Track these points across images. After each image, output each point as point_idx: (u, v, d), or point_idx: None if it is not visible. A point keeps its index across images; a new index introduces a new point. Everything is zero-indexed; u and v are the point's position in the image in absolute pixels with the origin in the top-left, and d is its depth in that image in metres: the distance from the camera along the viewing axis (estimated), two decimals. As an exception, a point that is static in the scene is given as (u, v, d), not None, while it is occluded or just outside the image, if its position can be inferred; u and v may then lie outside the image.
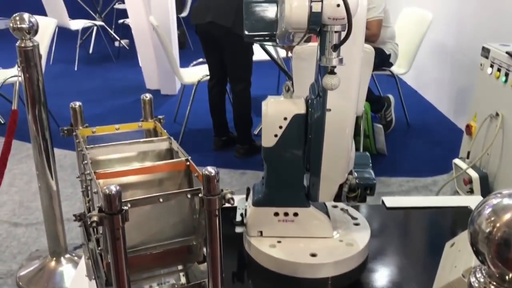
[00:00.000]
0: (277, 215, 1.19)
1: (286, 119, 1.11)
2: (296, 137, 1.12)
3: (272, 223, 1.19)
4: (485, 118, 2.32)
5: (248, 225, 1.20)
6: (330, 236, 1.20)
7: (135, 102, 4.24)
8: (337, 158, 1.12)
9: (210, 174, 0.63)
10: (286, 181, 1.17)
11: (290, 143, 1.13)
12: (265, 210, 1.19)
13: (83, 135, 0.90)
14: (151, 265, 0.73)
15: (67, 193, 2.69)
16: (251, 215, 1.20)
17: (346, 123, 1.09)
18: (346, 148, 1.11)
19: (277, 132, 1.12)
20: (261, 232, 1.19)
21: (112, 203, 0.57)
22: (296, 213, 1.19)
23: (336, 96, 1.05)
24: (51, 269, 1.99)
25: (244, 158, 3.12)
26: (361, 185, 1.16)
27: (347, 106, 1.07)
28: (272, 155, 1.14)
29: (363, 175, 1.18)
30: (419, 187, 2.72)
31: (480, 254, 0.39)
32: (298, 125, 1.11)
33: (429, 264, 1.19)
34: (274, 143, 1.13)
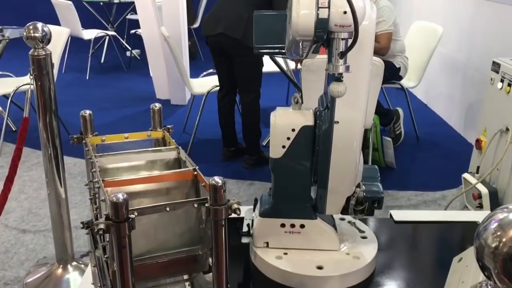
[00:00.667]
0: (284, 226, 1.18)
1: (294, 130, 1.11)
2: (304, 148, 1.12)
3: (278, 234, 1.18)
4: (495, 133, 2.31)
5: (254, 235, 1.19)
6: (336, 249, 1.19)
7: (145, 112, 4.26)
8: (345, 170, 1.12)
9: (217, 184, 0.64)
10: (293, 193, 1.17)
11: (298, 154, 1.13)
12: (271, 221, 1.18)
13: (92, 143, 0.91)
14: (157, 274, 0.73)
15: (76, 201, 2.71)
16: (257, 226, 1.19)
17: (354, 136, 1.09)
18: (353, 161, 1.11)
19: (285, 144, 1.12)
20: (267, 243, 1.19)
21: (119, 211, 0.57)
22: (303, 225, 1.18)
23: (344, 108, 1.05)
24: (57, 276, 2.00)
25: (252, 169, 3.12)
26: (368, 198, 1.16)
27: (355, 118, 1.07)
28: (280, 166, 1.15)
29: (371, 188, 1.17)
30: (427, 201, 2.70)
31: (486, 269, 0.39)
32: (306, 136, 1.11)
33: (437, 279, 1.18)
34: (282, 154, 1.13)
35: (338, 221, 1.29)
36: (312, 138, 1.12)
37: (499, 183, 2.31)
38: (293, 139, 1.12)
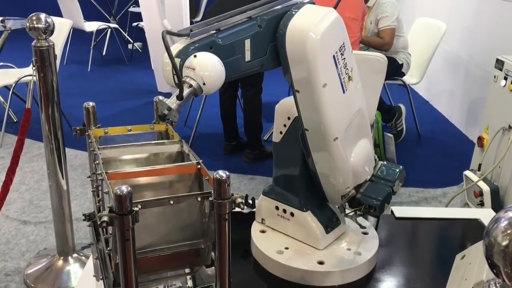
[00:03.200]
0: (277, 209, 1.21)
1: (290, 118, 1.13)
2: (296, 138, 1.13)
3: (272, 215, 1.22)
4: (498, 131, 2.30)
5: (257, 210, 1.23)
6: (319, 248, 1.17)
7: (146, 105, 4.26)
8: (330, 171, 1.09)
9: (221, 178, 0.63)
10: (287, 179, 1.19)
11: (291, 143, 1.15)
12: (269, 201, 1.23)
13: (95, 135, 0.91)
14: (159, 267, 0.73)
15: (77, 193, 2.71)
16: (259, 201, 1.23)
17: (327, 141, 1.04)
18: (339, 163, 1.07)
19: (282, 130, 1.16)
20: (263, 219, 1.23)
21: (123, 203, 0.57)
22: (292, 213, 1.19)
23: (310, 119, 1.03)
24: (58, 268, 2.00)
25: (254, 164, 3.12)
26: (363, 202, 1.14)
27: (324, 128, 1.02)
28: (278, 150, 1.19)
29: (371, 192, 1.14)
30: (428, 198, 2.70)
31: (495, 267, 0.39)
32: (298, 128, 1.11)
33: (437, 276, 1.18)
34: (279, 139, 1.17)
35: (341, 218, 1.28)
36: None
37: (500, 181, 2.30)
38: (288, 127, 1.14)
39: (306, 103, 1.01)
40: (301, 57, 0.95)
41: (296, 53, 0.95)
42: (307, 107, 1.01)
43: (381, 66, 2.20)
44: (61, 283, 1.94)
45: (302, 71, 0.96)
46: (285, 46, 0.95)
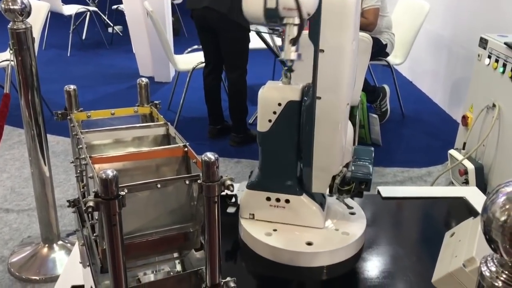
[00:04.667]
0: (269, 200, 1.19)
1: (280, 105, 1.10)
2: (289, 123, 1.11)
3: (264, 207, 1.19)
4: (482, 109, 2.32)
5: (241, 207, 1.20)
6: (321, 226, 1.18)
7: (128, 89, 4.20)
8: (329, 149, 1.09)
9: (210, 160, 0.62)
10: (279, 167, 1.17)
11: (284, 129, 1.12)
12: (257, 194, 1.19)
13: (77, 119, 0.88)
14: (148, 252, 0.72)
15: (60, 180, 2.67)
16: (244, 197, 1.20)
17: (337, 113, 1.06)
18: (338, 139, 1.08)
19: (271, 117, 1.12)
20: (253, 215, 1.19)
21: (109, 188, 0.55)
22: (288, 200, 1.18)
23: (327, 85, 1.03)
24: (43, 256, 1.98)
25: (239, 147, 3.11)
26: (355, 179, 1.14)
27: (338, 94, 1.04)
28: (266, 140, 1.14)
29: (360, 169, 1.16)
30: (413, 178, 2.72)
31: (493, 243, 0.38)
32: (292, 111, 1.10)
33: (425, 254, 1.19)
34: (268, 128, 1.13)
35: (327, 197, 1.28)
36: (298, 114, 1.10)
37: (485, 159, 2.33)
38: (279, 114, 1.11)
39: (329, 64, 1.00)
40: (339, 8, 0.95)
41: (334, 3, 0.95)
42: (329, 68, 1.01)
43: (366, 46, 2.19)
44: (46, 270, 1.92)
45: (336, 25, 0.94)
46: None
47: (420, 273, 1.11)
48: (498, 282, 0.39)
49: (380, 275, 1.10)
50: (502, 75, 2.21)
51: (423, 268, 1.12)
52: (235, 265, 1.16)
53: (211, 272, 0.66)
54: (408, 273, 1.11)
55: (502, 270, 0.39)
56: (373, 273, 1.11)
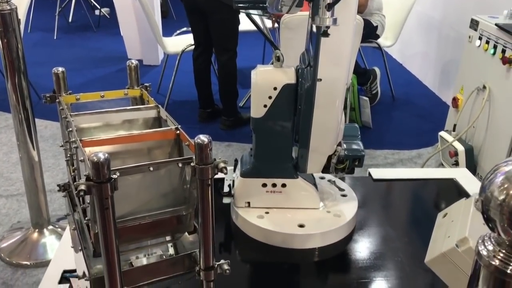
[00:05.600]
0: (265, 186, 1.18)
1: (276, 89, 1.09)
2: (285, 107, 1.11)
3: (259, 194, 1.18)
4: (472, 91, 2.33)
5: (236, 196, 1.19)
6: (317, 207, 1.20)
7: (117, 72, 4.15)
8: (327, 129, 1.11)
9: (203, 142, 0.61)
10: (275, 152, 1.16)
11: (280, 113, 1.11)
12: (253, 181, 1.18)
13: (66, 102, 0.87)
14: (140, 236, 0.71)
15: (49, 164, 2.64)
16: (238, 186, 1.19)
17: (336, 94, 1.07)
18: (336, 120, 1.10)
19: (267, 102, 1.10)
20: (248, 203, 1.19)
21: (101, 171, 0.54)
22: (284, 184, 1.18)
23: (327, 66, 1.02)
24: (33, 241, 1.96)
25: (230, 131, 3.09)
26: (349, 156, 1.16)
27: (338, 75, 1.05)
28: (261, 125, 1.13)
29: (352, 146, 1.17)
30: (404, 160, 2.74)
31: (491, 222, 0.38)
32: (288, 95, 1.09)
33: (415, 235, 1.20)
34: (263, 114, 1.11)
35: (318, 180, 1.29)
36: (294, 97, 1.10)
37: (475, 141, 2.35)
38: (274, 98, 1.10)
39: (333, 45, 0.99)
40: None
41: None
42: (332, 49, 1.00)
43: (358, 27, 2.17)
44: (37, 255, 1.91)
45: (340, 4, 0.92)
46: None
47: (411, 254, 1.12)
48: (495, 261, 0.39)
49: (371, 256, 1.11)
50: (492, 56, 2.21)
51: (414, 249, 1.14)
52: (228, 248, 1.16)
53: (205, 254, 0.65)
54: (400, 254, 1.12)
55: (500, 249, 0.39)
56: (364, 255, 1.12)
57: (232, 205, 1.22)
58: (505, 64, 2.10)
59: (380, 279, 1.03)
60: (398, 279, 1.04)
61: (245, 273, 1.08)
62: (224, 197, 1.22)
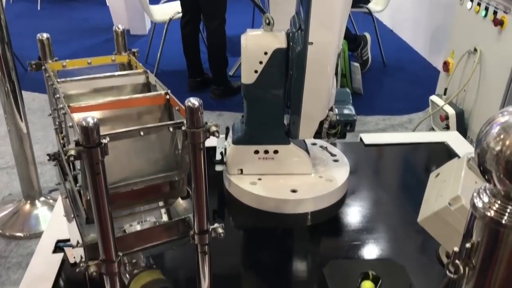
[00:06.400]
0: (257, 153, 1.18)
1: (267, 53, 1.07)
2: (277, 72, 1.09)
3: (252, 161, 1.18)
4: (463, 54, 2.32)
5: (228, 163, 1.19)
6: (309, 172, 1.20)
7: (104, 43, 4.08)
8: (319, 94, 1.10)
9: (194, 105, 0.60)
10: (267, 118, 1.15)
11: (271, 79, 1.10)
12: (245, 148, 1.17)
13: (53, 69, 0.84)
14: (133, 202, 0.71)
15: (38, 137, 2.62)
16: (231, 153, 1.18)
17: (328, 58, 1.05)
18: (327, 84, 1.09)
19: (257, 68, 1.08)
20: (241, 170, 1.19)
21: (90, 135, 0.53)
22: (276, 151, 1.18)
23: (319, 29, 1.01)
24: (26, 213, 1.96)
25: (220, 100, 3.07)
26: (341, 121, 1.16)
27: (330, 39, 1.03)
28: (252, 92, 1.11)
29: (343, 111, 1.17)
30: (395, 125, 2.75)
31: (487, 173, 0.38)
32: (279, 60, 1.08)
33: (407, 198, 1.21)
34: (254, 80, 1.10)
35: (310, 146, 1.29)
36: (285, 61, 1.08)
37: (465, 104, 2.35)
38: (265, 63, 1.08)
39: (324, 8, 0.98)
40: None
41: None
42: (324, 12, 0.99)
43: (347, -9, 2.13)
44: (30, 227, 1.91)
45: None
46: None
47: (403, 216, 1.13)
48: (491, 212, 0.39)
49: (363, 219, 1.12)
50: (484, 18, 2.19)
51: (406, 212, 1.15)
52: (221, 215, 1.17)
53: (199, 218, 0.65)
54: (392, 217, 1.13)
55: (495, 200, 0.39)
56: (356, 218, 1.13)
57: (225, 173, 1.21)
58: (496, 26, 2.09)
59: (372, 241, 1.04)
60: (390, 241, 1.05)
61: (239, 238, 1.09)
62: (216, 165, 1.22)
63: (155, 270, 0.76)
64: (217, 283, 0.75)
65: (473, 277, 0.43)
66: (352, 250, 1.02)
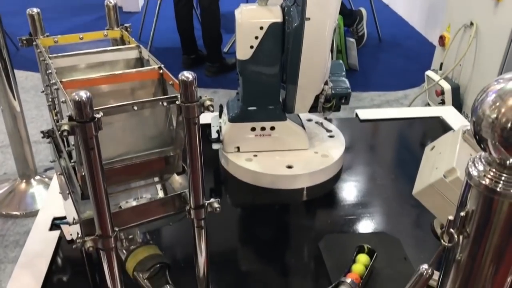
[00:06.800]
0: (254, 130, 1.17)
1: (262, 28, 1.06)
2: (273, 47, 1.08)
3: (249, 138, 1.18)
4: (459, 28, 2.30)
5: (225, 141, 1.18)
6: (306, 147, 1.20)
7: (96, 20, 4.02)
8: (315, 68, 1.09)
9: (188, 79, 0.59)
10: (263, 95, 1.15)
11: (267, 54, 1.09)
12: (241, 126, 1.17)
13: (44, 45, 0.83)
14: (128, 177, 0.71)
15: (32, 116, 2.60)
16: (227, 131, 1.18)
17: (325, 33, 1.05)
18: (324, 58, 1.08)
19: (253, 43, 1.07)
20: (238, 148, 1.19)
21: (83, 110, 0.52)
22: (273, 127, 1.18)
23: (316, 4, 1.00)
24: (21, 191, 1.96)
25: (215, 77, 3.05)
26: (336, 95, 1.16)
27: (327, 14, 1.02)
28: (248, 68, 1.10)
29: (338, 84, 1.17)
30: (390, 101, 2.74)
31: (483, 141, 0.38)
32: (275, 34, 1.07)
33: (403, 172, 1.22)
34: (250, 55, 1.08)
35: (305, 122, 1.29)
36: (281, 36, 1.07)
37: (461, 79, 2.35)
38: (261, 38, 1.07)
39: None
40: None
41: None
42: None
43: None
44: (26, 206, 1.91)
45: None
46: None
47: (398, 190, 1.14)
48: (485, 180, 0.39)
49: (359, 194, 1.13)
50: (480, -9, 2.17)
51: (401, 186, 1.16)
52: (217, 192, 1.17)
53: (195, 193, 0.65)
54: (387, 191, 1.14)
55: (490, 169, 0.39)
56: (352, 193, 1.14)
57: (221, 151, 1.21)
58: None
59: (368, 216, 1.05)
60: (385, 215, 1.06)
61: (235, 214, 1.10)
62: (213, 144, 1.21)
63: (152, 246, 0.76)
64: (214, 258, 0.75)
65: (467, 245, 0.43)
66: (347, 224, 1.02)
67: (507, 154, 0.37)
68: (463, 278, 0.46)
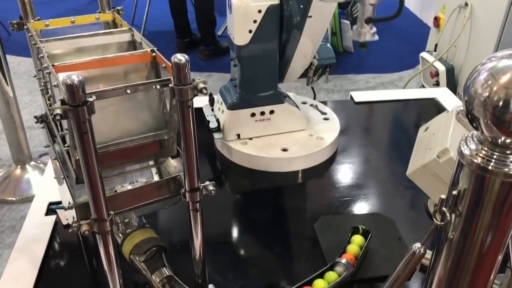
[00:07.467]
0: (254, 115, 1.17)
1: (261, 11, 1.04)
2: (271, 30, 1.07)
3: (249, 124, 1.17)
4: (454, 9, 2.29)
5: (225, 130, 1.17)
6: (304, 128, 1.21)
7: (88, 4, 3.98)
8: (309, 52, 1.10)
9: (180, 61, 0.59)
10: (262, 79, 1.14)
11: (266, 37, 1.08)
12: (241, 113, 1.16)
13: (35, 29, 0.82)
14: (122, 161, 0.70)
15: (25, 101, 2.59)
16: (227, 119, 1.16)
17: (324, 26, 1.06)
18: (318, 43, 1.09)
19: (252, 27, 1.05)
20: (238, 135, 1.18)
21: (76, 93, 0.52)
22: (272, 111, 1.17)
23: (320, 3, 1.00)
24: (17, 177, 1.96)
25: (209, 60, 3.04)
26: (323, 65, 1.17)
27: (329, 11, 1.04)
28: (247, 53, 1.09)
29: (325, 54, 1.17)
30: (385, 83, 2.74)
31: (475, 120, 0.38)
32: (273, 17, 1.05)
33: (397, 154, 1.22)
34: (249, 40, 1.07)
35: (300, 104, 1.29)
36: (279, 18, 1.06)
37: (455, 60, 2.35)
38: (260, 21, 1.05)
39: None
40: None
41: None
42: None
43: None
44: (22, 191, 1.92)
45: None
46: None
47: (393, 172, 1.15)
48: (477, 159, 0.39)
49: (354, 176, 1.13)
50: (475, -29, 2.16)
51: (395, 167, 1.16)
52: (213, 174, 1.17)
53: (190, 176, 0.65)
54: (382, 173, 1.15)
55: (482, 147, 0.39)
56: (347, 175, 1.14)
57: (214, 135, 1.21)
58: (487, -21, 2.06)
59: (362, 197, 1.05)
60: (380, 196, 1.07)
61: (231, 197, 1.10)
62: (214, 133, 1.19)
63: (148, 229, 0.76)
64: (210, 240, 0.76)
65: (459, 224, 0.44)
66: (342, 205, 1.03)
67: (498, 133, 0.37)
68: (455, 256, 0.47)
